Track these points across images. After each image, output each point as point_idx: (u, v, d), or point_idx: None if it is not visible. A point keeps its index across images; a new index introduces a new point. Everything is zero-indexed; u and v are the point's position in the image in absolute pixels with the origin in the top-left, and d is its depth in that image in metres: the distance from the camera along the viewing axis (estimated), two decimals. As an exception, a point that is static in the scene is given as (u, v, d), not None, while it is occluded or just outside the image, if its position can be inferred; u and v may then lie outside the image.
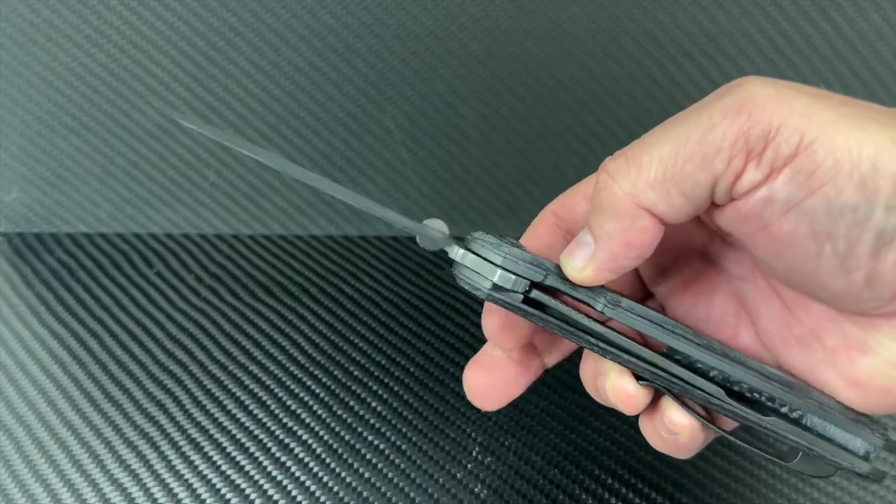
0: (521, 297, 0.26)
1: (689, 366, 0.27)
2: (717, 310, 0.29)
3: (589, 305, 0.26)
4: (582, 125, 0.54)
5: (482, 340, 0.30)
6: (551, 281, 0.26)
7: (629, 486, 0.41)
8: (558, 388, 0.45)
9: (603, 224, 0.24)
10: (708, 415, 0.28)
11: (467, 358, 0.31)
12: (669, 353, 0.27)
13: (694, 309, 0.30)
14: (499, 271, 0.25)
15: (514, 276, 0.25)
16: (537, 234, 0.30)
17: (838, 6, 0.51)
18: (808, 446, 0.26)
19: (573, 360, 0.31)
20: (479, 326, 0.49)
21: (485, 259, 0.26)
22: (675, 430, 0.27)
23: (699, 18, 0.51)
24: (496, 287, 0.26)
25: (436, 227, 0.27)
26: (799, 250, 0.23)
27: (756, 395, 0.26)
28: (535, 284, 0.26)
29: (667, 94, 0.53)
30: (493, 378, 0.30)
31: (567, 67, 0.53)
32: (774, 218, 0.23)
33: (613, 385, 0.27)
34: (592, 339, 0.26)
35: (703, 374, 0.26)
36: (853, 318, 0.25)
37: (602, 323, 0.27)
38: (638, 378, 0.27)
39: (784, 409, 0.26)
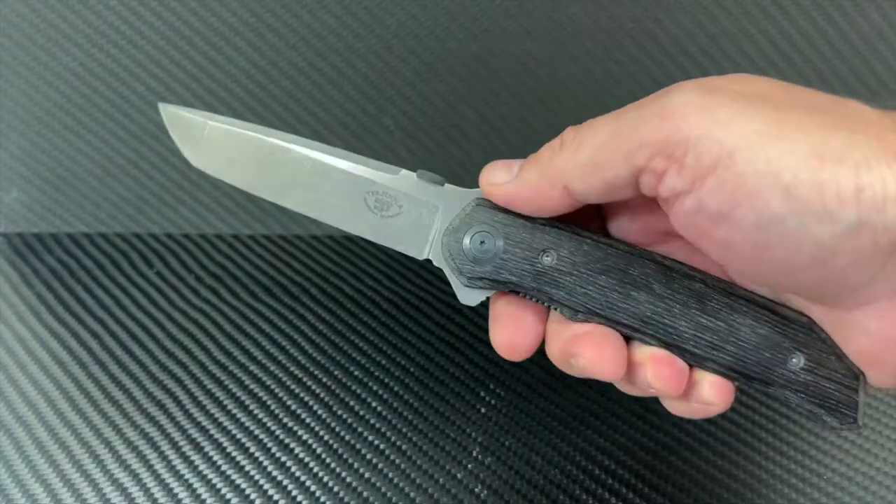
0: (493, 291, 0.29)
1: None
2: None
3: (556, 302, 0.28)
4: (582, 125, 0.54)
5: (482, 340, 0.30)
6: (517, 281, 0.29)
7: (629, 486, 0.41)
8: (558, 387, 0.45)
9: (531, 171, 0.27)
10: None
11: (467, 358, 0.31)
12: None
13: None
14: (462, 293, 0.29)
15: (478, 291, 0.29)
16: None
17: (838, 6, 0.51)
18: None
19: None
20: (478, 327, 0.49)
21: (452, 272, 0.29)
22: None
23: (699, 18, 0.51)
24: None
25: (429, 178, 0.31)
26: (738, 255, 0.24)
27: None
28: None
29: (667, 94, 0.53)
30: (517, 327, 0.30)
31: (567, 67, 0.53)
32: (709, 226, 0.24)
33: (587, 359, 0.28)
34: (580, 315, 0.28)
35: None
36: (824, 309, 0.26)
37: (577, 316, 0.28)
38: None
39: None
